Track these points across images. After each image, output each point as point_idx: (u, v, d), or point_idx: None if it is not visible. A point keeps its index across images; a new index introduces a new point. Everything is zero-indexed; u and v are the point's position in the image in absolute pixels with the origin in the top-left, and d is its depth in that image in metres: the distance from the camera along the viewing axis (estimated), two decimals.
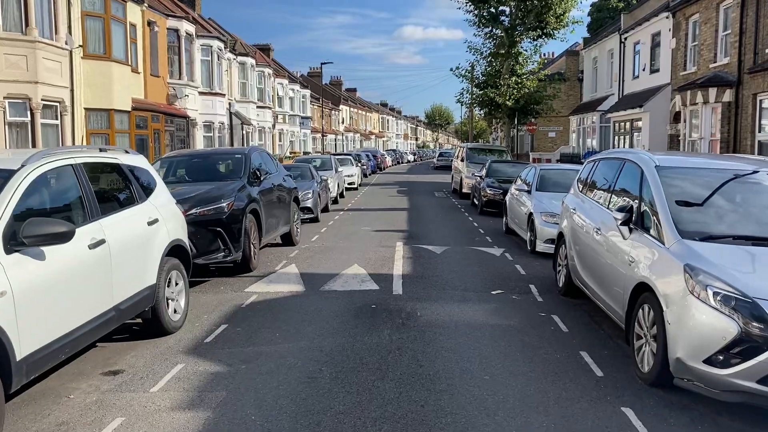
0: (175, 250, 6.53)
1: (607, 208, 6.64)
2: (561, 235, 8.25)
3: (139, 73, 23.59)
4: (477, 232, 14.06)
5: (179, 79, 26.88)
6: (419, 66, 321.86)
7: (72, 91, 19.00)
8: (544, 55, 48.86)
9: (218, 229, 8.35)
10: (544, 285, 8.53)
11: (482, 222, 15.89)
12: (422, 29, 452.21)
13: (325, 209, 18.15)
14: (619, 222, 5.81)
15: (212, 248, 8.36)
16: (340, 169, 23.03)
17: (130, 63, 21.90)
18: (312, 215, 15.50)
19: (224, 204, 8.54)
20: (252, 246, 9.16)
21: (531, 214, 11.07)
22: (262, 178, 9.93)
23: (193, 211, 8.24)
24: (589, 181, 7.78)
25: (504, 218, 14.14)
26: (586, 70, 35.48)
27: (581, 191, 7.93)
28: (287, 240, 11.73)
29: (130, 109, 21.63)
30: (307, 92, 56.24)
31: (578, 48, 50.54)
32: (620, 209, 5.89)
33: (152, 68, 24.81)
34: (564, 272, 7.95)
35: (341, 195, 23.45)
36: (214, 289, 8.27)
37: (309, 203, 15.39)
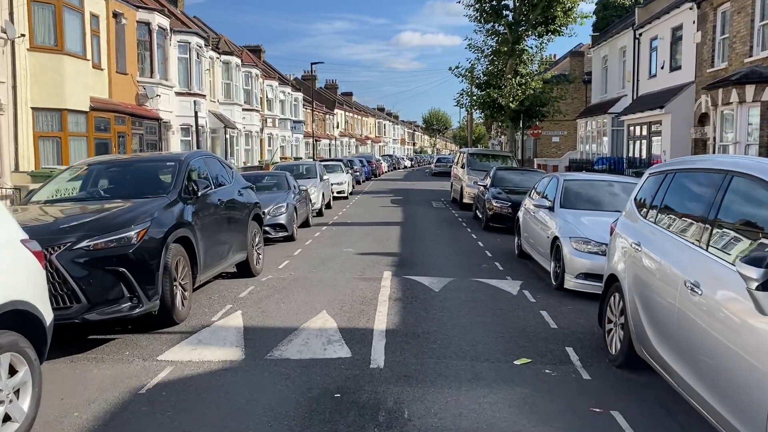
0: (11, 319, 4.03)
1: (707, 249, 4.14)
2: (613, 278, 5.75)
3: (102, 69, 21.12)
4: (483, 255, 11.56)
5: (151, 77, 24.41)
6: (417, 71, 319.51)
7: (14, 87, 16.52)
8: (546, 56, 46.34)
9: (121, 269, 5.82)
10: (586, 346, 6.02)
11: (488, 241, 13.40)
12: (420, 35, 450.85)
13: (306, 224, 15.65)
14: (755, 284, 3.31)
15: (112, 296, 5.83)
16: (326, 177, 20.55)
17: (89, 57, 19.42)
18: (286, 233, 12.99)
19: (132, 232, 6.02)
20: (179, 288, 6.64)
21: (556, 238, 8.57)
22: (200, 193, 7.42)
23: (84, 243, 5.72)
24: (658, 202, 5.28)
25: (516, 239, 11.64)
26: (595, 70, 33.08)
27: (645, 216, 5.43)
28: (244, 270, 9.21)
29: (87, 109, 19.13)
30: (300, 95, 53.78)
31: (583, 48, 48.23)
32: (752, 261, 3.38)
33: (119, 65, 22.34)
34: (620, 334, 5.45)
35: (328, 206, 20.97)
36: (115, 356, 5.75)
37: (282, 219, 12.87)
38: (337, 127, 71.58)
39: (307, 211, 15.73)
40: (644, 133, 24.40)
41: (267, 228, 12.60)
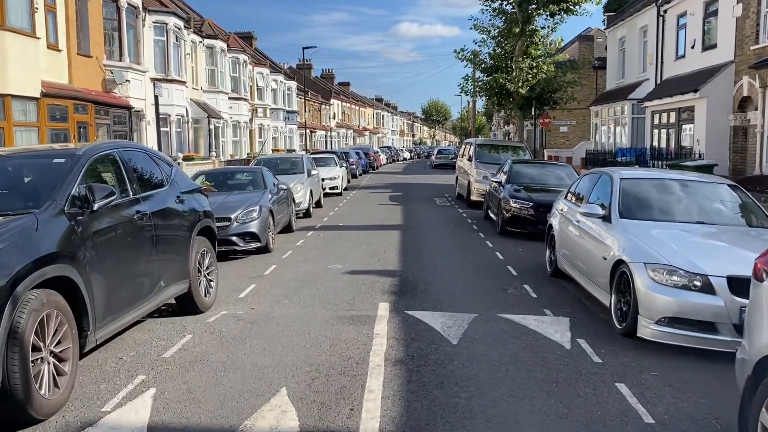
0: None
1: None
2: None
3: (59, 50, 18.53)
4: (506, 272, 9.07)
5: (120, 60, 21.81)
6: (415, 62, 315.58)
7: None
8: (551, 44, 43.65)
9: None
10: None
11: (508, 250, 10.91)
12: (418, 26, 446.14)
13: (287, 228, 13.14)
14: None
15: None
16: (315, 172, 17.98)
17: (39, 35, 16.80)
18: (258, 243, 10.47)
19: None
20: (49, 361, 4.14)
21: (621, 263, 6.06)
22: (97, 205, 4.90)
23: None
24: None
25: (548, 252, 9.13)
26: (611, 53, 30.45)
27: None
28: (187, 304, 6.71)
29: (38, 95, 16.56)
30: (293, 84, 51.07)
31: (592, 32, 45.61)
32: None
33: (81, 46, 19.76)
34: None
35: (318, 204, 18.47)
36: None
37: (253, 226, 10.35)
38: (334, 117, 68.95)
39: (290, 213, 13.20)
40: (672, 120, 21.85)
41: (234, 238, 10.16)
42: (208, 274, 7.11)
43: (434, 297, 7.52)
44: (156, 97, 15.50)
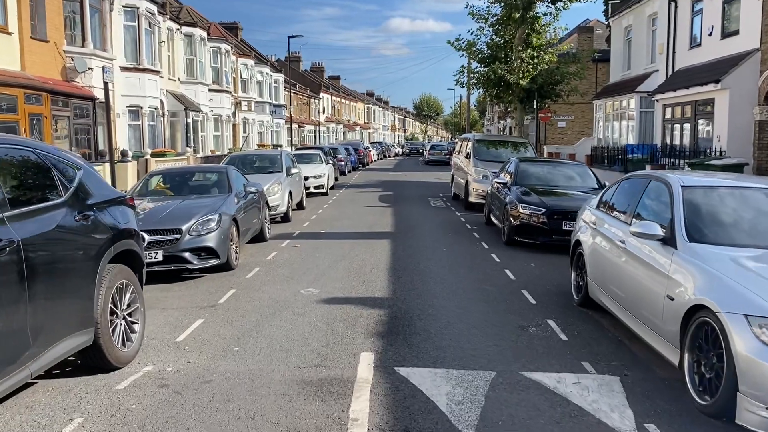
0: None
1: None
2: None
3: (9, 33, 16.57)
4: (522, 301, 7.26)
5: (83, 46, 19.82)
6: (407, 58, 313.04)
7: None
8: (554, 32, 41.87)
9: None
10: None
11: (519, 267, 9.10)
12: (409, 21, 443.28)
13: (259, 238, 11.27)
14: None
15: None
16: (295, 170, 16.05)
17: None
18: (216, 260, 8.57)
19: None
20: None
21: (700, 308, 4.24)
22: None
23: None
24: None
25: (574, 276, 7.32)
26: (615, 43, 28.65)
27: None
28: (95, 359, 4.86)
29: None
30: (280, 76, 49.05)
31: (592, 24, 43.94)
32: None
33: (36, 29, 17.79)
34: None
35: (299, 206, 16.61)
36: None
37: (210, 240, 8.45)
38: (323, 112, 66.92)
39: (261, 220, 11.30)
40: (687, 114, 20.08)
41: (187, 254, 8.29)
42: (128, 315, 5.24)
43: (434, 341, 5.68)
44: (105, 84, 13.51)
